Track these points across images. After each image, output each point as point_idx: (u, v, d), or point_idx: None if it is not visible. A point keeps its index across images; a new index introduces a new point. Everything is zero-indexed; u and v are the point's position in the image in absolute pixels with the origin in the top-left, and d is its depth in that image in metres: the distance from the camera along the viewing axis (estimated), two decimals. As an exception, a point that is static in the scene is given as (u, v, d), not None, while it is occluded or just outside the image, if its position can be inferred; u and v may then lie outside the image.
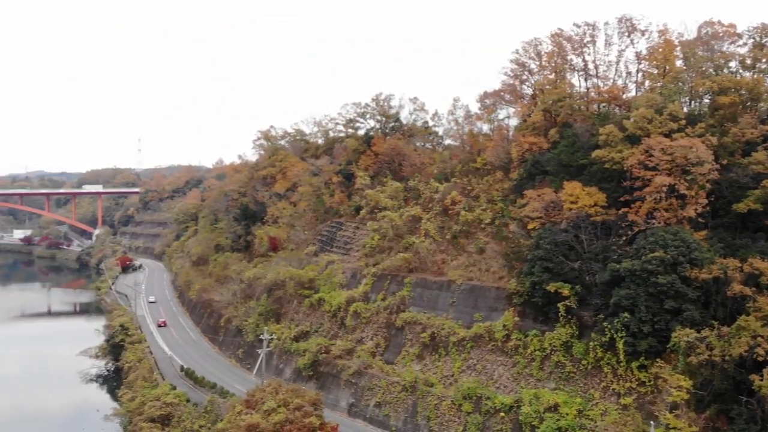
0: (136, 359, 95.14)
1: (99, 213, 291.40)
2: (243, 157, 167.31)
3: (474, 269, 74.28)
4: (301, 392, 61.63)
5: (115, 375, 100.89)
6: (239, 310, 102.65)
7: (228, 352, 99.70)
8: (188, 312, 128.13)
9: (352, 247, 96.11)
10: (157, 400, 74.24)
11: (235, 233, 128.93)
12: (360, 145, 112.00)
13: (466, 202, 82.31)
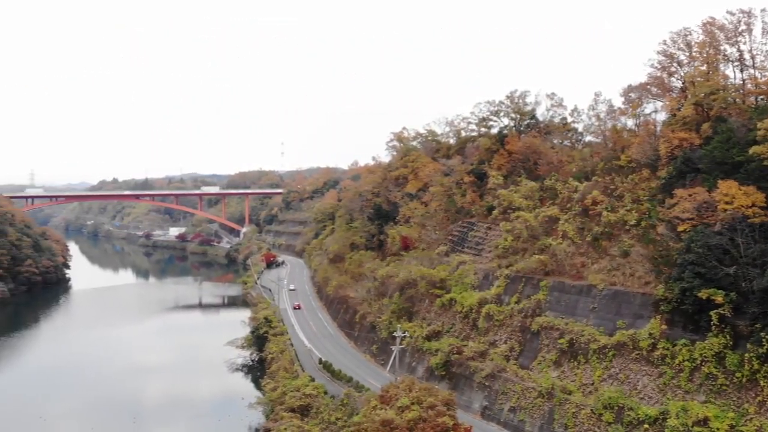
0: (278, 351, 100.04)
1: (246, 212, 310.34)
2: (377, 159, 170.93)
3: (617, 273, 70.57)
4: (434, 391, 61.83)
5: (258, 365, 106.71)
6: (373, 306, 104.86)
7: (363, 347, 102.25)
8: (326, 307, 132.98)
9: (484, 248, 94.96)
10: (297, 390, 77.65)
11: (369, 232, 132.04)
12: (493, 144, 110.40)
13: (608, 202, 78.45)
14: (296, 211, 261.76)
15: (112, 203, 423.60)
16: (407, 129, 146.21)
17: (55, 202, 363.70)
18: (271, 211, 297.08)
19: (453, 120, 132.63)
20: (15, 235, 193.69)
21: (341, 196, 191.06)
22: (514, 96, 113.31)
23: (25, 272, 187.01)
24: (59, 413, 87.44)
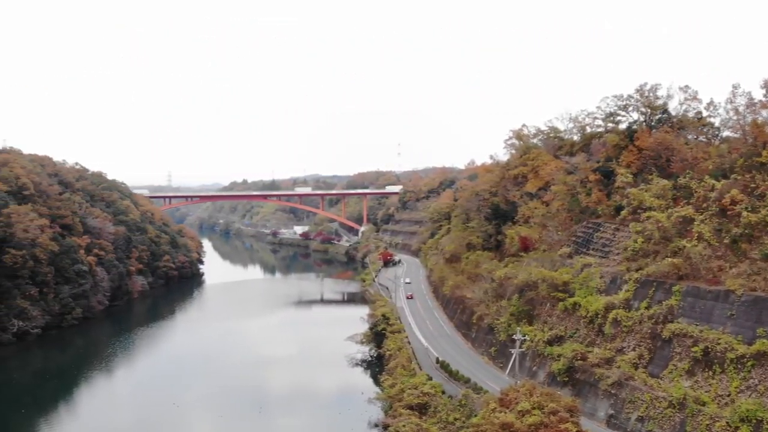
0: (396, 348, 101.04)
1: (364, 212, 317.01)
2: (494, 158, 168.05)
3: (758, 278, 64.88)
4: (556, 397, 59.88)
5: (377, 361, 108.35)
6: (491, 308, 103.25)
7: (480, 349, 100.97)
8: (442, 306, 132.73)
9: (611, 250, 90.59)
10: (414, 388, 78.00)
11: (486, 232, 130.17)
12: (621, 140, 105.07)
13: (748, 201, 72.34)
14: (412, 211, 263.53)
15: (242, 203, 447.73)
16: (527, 126, 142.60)
17: (190, 202, 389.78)
18: (388, 211, 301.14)
19: (577, 116, 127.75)
20: (154, 232, 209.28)
21: (457, 195, 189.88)
22: (643, 89, 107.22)
23: (163, 267, 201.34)
24: (191, 400, 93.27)
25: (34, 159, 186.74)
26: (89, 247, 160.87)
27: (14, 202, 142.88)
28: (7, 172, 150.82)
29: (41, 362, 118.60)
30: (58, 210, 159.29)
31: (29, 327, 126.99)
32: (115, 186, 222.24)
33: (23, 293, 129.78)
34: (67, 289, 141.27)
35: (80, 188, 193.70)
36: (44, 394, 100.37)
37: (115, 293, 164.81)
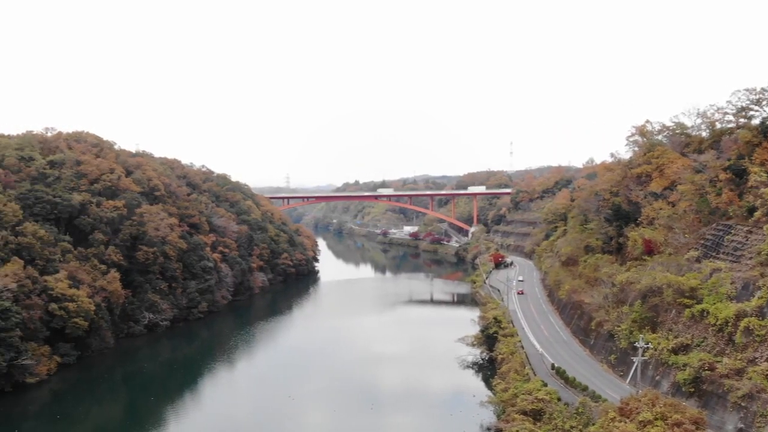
0: (509, 352, 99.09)
1: (474, 212, 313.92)
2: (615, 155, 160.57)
3: None
4: (680, 408, 56.42)
5: (489, 364, 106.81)
6: (611, 314, 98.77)
7: (599, 356, 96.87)
8: (557, 311, 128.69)
9: (743, 254, 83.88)
10: (528, 394, 76.04)
11: (605, 234, 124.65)
12: (754, 137, 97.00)
13: None
14: (525, 212, 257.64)
15: (354, 203, 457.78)
16: (651, 122, 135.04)
17: (306, 203, 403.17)
18: (499, 212, 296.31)
19: (705, 111, 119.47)
20: (274, 231, 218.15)
21: (574, 195, 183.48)
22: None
23: (282, 264, 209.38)
24: (306, 393, 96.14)
25: (164, 162, 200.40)
26: (214, 245, 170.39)
27: (146, 202, 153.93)
28: (140, 175, 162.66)
29: (169, 353, 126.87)
30: (186, 210, 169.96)
31: (159, 319, 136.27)
32: (238, 187, 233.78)
33: (154, 288, 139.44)
34: (194, 284, 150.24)
35: (206, 189, 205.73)
36: (171, 382, 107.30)
37: (238, 289, 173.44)
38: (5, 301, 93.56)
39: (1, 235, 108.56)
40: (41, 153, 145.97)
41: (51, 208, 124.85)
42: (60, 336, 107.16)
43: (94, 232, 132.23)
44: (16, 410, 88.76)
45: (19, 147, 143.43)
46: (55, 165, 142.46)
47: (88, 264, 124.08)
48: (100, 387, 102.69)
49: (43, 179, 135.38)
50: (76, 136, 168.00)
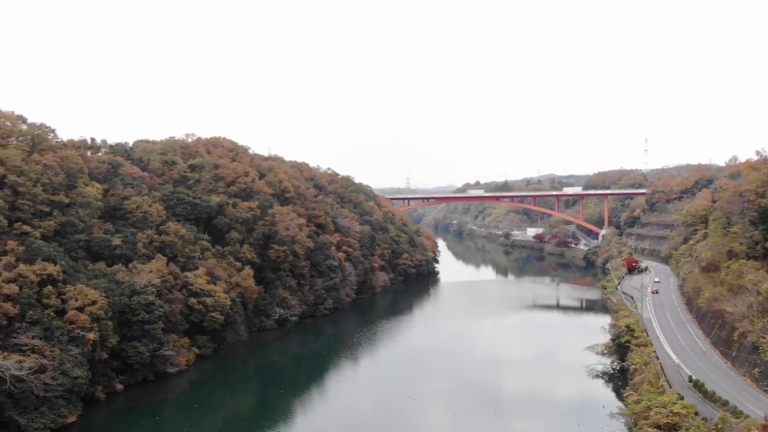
0: (642, 362, 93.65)
1: (605, 214, 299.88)
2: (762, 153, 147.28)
3: None
4: None
5: (620, 374, 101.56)
6: (755, 324, 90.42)
7: (741, 369, 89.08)
8: (696, 320, 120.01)
9: None
10: (663, 407, 71.35)
11: (750, 238, 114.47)
12: None
13: None
14: (661, 213, 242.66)
15: (475, 204, 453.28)
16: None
17: (426, 203, 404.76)
18: (632, 213, 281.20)
19: None
20: (395, 231, 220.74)
21: (716, 196, 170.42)
22: None
23: (402, 264, 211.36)
24: (426, 393, 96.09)
25: (294, 165, 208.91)
26: (339, 244, 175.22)
27: (278, 203, 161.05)
28: (272, 177, 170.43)
29: (298, 347, 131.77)
30: (314, 210, 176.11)
31: (288, 315, 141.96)
32: (361, 189, 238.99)
33: (284, 284, 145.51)
34: (320, 281, 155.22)
35: (332, 191, 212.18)
36: (300, 375, 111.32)
37: (361, 287, 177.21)
38: (150, 296, 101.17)
39: (147, 233, 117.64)
40: (183, 157, 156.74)
41: (191, 208, 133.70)
42: (198, 329, 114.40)
43: (230, 231, 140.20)
44: (157, 398, 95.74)
45: (163, 152, 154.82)
46: (195, 168, 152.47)
47: (225, 261, 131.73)
48: (234, 378, 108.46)
49: (184, 182, 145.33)
50: (213, 141, 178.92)
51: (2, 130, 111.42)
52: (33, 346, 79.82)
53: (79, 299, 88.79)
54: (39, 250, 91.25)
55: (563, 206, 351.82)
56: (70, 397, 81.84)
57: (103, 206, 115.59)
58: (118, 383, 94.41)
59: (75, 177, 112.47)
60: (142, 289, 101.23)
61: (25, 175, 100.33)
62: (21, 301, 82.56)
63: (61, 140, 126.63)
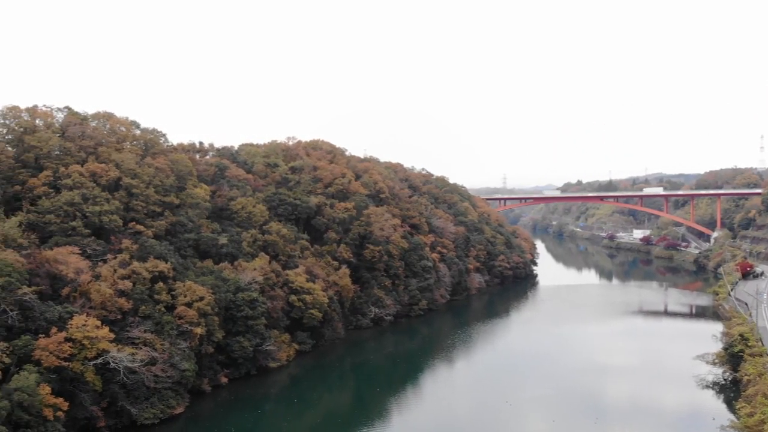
0: (756, 373, 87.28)
1: (717, 215, 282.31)
2: None
3: None
4: None
5: (732, 385, 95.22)
6: None
7: None
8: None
9: None
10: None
11: None
12: None
13: None
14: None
15: (576, 204, 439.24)
16: None
17: (523, 204, 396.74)
18: (747, 214, 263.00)
19: None
20: (490, 232, 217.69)
21: None
22: None
23: (498, 266, 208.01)
24: (523, 399, 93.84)
25: (388, 166, 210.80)
26: (433, 245, 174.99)
27: (373, 204, 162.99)
28: (368, 178, 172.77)
29: (392, 346, 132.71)
30: (408, 211, 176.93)
31: (383, 314, 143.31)
32: (455, 189, 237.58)
33: (379, 284, 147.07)
34: (414, 282, 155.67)
35: (426, 191, 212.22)
36: (395, 375, 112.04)
37: (455, 289, 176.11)
38: (253, 292, 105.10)
39: (251, 233, 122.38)
40: (284, 160, 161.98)
41: (292, 209, 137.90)
42: (298, 325, 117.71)
43: (328, 231, 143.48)
44: (260, 391, 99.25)
45: (266, 155, 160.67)
46: (296, 170, 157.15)
47: (323, 260, 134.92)
48: (332, 374, 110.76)
49: (285, 183, 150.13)
50: (312, 144, 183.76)
51: (118, 134, 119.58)
52: (145, 339, 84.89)
53: (188, 295, 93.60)
54: (151, 249, 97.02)
55: (672, 207, 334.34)
56: (179, 389, 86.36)
57: (211, 207, 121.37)
58: (223, 376, 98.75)
59: (185, 179, 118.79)
60: (246, 286, 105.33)
61: (138, 178, 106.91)
62: (134, 297, 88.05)
63: (171, 144, 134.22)
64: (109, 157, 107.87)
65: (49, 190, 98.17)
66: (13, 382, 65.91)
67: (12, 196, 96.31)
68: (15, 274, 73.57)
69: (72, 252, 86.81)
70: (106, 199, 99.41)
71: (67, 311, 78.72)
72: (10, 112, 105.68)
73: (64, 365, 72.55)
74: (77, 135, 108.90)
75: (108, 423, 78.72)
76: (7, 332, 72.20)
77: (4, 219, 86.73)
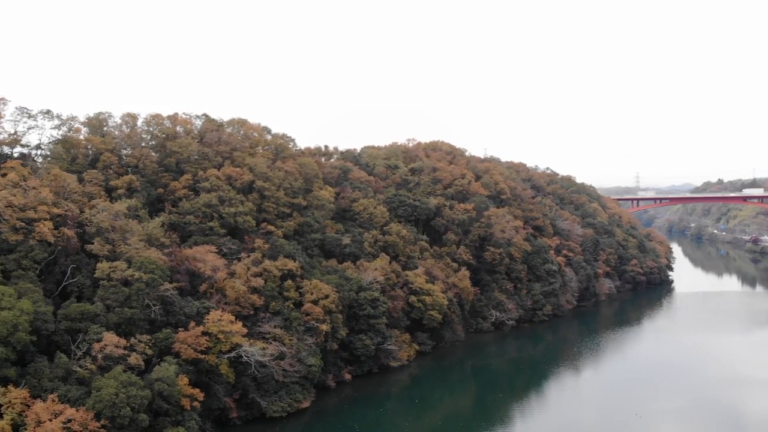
0: None
1: None
2: None
3: None
4: None
5: None
6: None
7: None
8: None
9: None
10: None
11: None
12: None
13: None
14: None
15: (716, 205, 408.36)
16: None
17: (658, 204, 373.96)
18: None
19: None
20: (622, 235, 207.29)
21: None
22: None
23: (630, 271, 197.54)
24: (655, 412, 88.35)
25: (510, 166, 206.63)
26: (558, 248, 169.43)
27: (493, 205, 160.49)
28: (488, 179, 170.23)
29: (515, 352, 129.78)
30: (531, 212, 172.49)
31: (505, 318, 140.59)
32: (583, 189, 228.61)
33: (500, 287, 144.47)
34: (538, 286, 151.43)
35: (550, 192, 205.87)
36: (517, 381, 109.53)
37: (583, 294, 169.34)
38: (375, 292, 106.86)
39: (373, 233, 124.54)
40: (404, 161, 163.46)
41: (411, 210, 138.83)
42: (417, 326, 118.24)
43: (447, 232, 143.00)
44: (381, 390, 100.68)
45: (387, 157, 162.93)
46: (415, 172, 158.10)
47: (442, 262, 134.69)
48: (452, 377, 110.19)
49: (405, 185, 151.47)
50: (432, 145, 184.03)
51: (251, 140, 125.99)
52: (274, 334, 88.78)
53: (314, 293, 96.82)
54: (281, 248, 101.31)
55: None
56: (305, 384, 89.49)
57: (335, 208, 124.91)
58: (347, 373, 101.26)
59: (311, 181, 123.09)
60: (368, 285, 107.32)
61: (270, 181, 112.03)
62: (266, 293, 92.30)
63: (299, 148, 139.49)
64: (243, 162, 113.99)
65: (189, 192, 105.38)
66: (155, 373, 71.10)
67: (156, 198, 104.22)
68: (158, 271, 79.37)
69: (209, 250, 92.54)
70: (240, 200, 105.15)
71: (204, 306, 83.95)
72: (153, 119, 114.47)
73: (201, 357, 77.40)
74: (214, 140, 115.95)
75: (239, 414, 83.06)
76: (150, 325, 78.12)
77: (149, 219, 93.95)
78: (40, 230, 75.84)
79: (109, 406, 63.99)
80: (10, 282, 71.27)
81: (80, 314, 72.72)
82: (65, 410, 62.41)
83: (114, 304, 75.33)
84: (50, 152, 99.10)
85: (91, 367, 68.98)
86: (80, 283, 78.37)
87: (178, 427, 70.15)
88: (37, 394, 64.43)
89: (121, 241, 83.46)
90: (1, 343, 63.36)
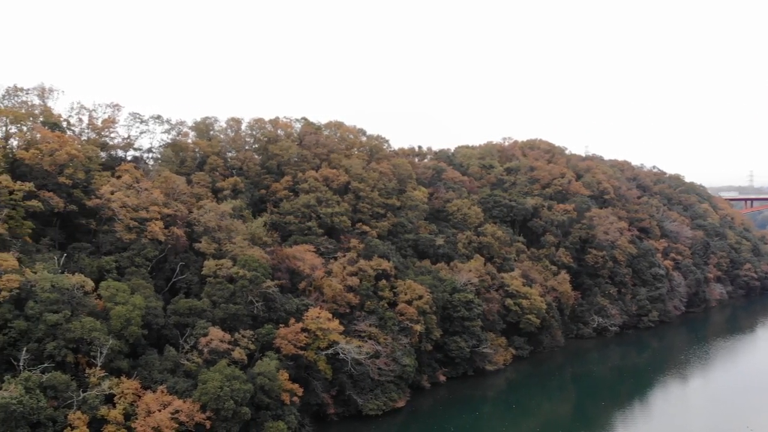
0: None
1: None
2: None
3: None
4: None
5: None
6: None
7: None
8: None
9: None
10: None
11: None
12: None
13: None
14: None
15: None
16: None
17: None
18: None
19: None
20: (734, 238, 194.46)
21: None
22: None
23: (744, 276, 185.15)
24: None
25: (614, 164, 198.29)
26: (666, 251, 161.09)
27: (596, 205, 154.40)
28: (590, 178, 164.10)
29: (618, 359, 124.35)
30: (636, 213, 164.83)
31: (608, 324, 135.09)
32: (692, 189, 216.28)
33: (603, 292, 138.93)
34: (643, 291, 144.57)
35: (657, 192, 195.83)
36: (621, 389, 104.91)
37: (692, 300, 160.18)
38: (469, 293, 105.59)
39: (466, 234, 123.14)
40: (499, 161, 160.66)
41: (507, 211, 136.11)
42: (514, 330, 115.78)
43: (545, 234, 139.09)
44: (477, 393, 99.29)
45: (481, 156, 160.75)
46: (511, 171, 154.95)
47: (540, 264, 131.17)
48: (551, 383, 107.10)
49: (500, 185, 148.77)
50: (530, 143, 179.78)
51: (347, 142, 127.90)
52: (370, 333, 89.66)
53: (408, 293, 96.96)
54: (375, 248, 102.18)
55: None
56: (400, 383, 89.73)
57: (428, 208, 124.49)
58: (441, 375, 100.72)
59: (405, 182, 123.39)
60: (462, 287, 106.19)
61: (365, 182, 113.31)
62: (361, 292, 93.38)
63: (393, 149, 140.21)
64: (339, 163, 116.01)
65: (289, 193, 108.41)
66: (257, 367, 73.47)
67: (258, 198, 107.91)
68: (261, 269, 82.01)
69: (308, 249, 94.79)
70: (337, 201, 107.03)
71: (303, 304, 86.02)
72: (256, 123, 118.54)
73: (300, 353, 79.34)
74: (312, 143, 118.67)
75: (336, 411, 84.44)
76: (252, 321, 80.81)
77: (252, 219, 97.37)
78: (152, 229, 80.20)
79: (214, 398, 66.68)
80: (124, 278, 75.80)
81: (188, 309, 76.28)
82: (173, 401, 65.65)
83: (219, 300, 78.50)
84: (161, 155, 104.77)
85: (197, 360, 72.18)
86: (188, 280, 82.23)
87: (279, 421, 72.04)
88: (147, 385, 68.06)
89: (227, 239, 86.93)
90: (116, 336, 67.46)
